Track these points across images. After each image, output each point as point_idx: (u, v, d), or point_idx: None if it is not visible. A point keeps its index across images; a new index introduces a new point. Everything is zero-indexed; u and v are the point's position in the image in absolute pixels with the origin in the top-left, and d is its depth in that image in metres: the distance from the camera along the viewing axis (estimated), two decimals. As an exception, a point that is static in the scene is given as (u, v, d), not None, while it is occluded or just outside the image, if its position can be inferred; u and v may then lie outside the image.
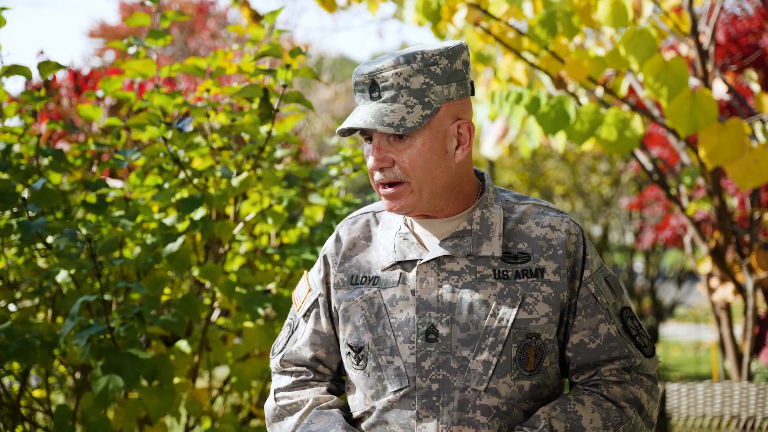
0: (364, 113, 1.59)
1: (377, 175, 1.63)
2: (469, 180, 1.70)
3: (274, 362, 1.82)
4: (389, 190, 1.63)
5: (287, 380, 1.78)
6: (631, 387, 1.64)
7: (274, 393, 1.78)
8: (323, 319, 1.76)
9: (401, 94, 1.58)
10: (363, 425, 1.69)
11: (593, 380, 1.66)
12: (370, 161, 1.62)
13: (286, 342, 1.81)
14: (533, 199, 1.73)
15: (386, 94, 1.58)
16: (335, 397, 1.75)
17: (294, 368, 1.79)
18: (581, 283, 1.66)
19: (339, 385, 1.82)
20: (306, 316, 1.79)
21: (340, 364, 1.79)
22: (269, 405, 1.77)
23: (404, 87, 1.58)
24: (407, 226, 1.71)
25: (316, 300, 1.77)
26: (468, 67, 1.65)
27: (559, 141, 4.33)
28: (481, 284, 1.62)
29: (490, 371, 1.60)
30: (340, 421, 1.67)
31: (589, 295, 1.66)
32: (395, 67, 1.57)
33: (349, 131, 1.64)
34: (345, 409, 1.74)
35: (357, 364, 1.69)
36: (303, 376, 1.78)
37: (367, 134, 1.63)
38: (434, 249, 1.65)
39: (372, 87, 1.59)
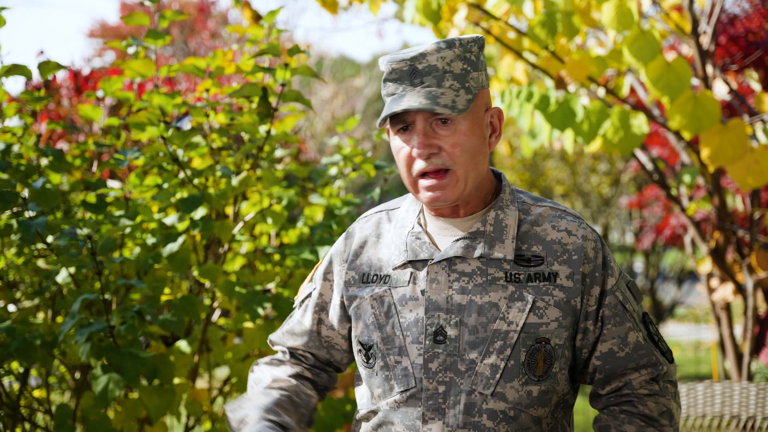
0: (413, 97, 1.56)
1: (420, 164, 1.59)
2: (489, 177, 1.69)
3: (268, 340, 1.91)
4: (432, 181, 1.59)
5: (270, 357, 1.85)
6: (662, 399, 1.63)
7: (254, 365, 1.85)
8: (309, 313, 1.79)
9: (446, 78, 1.57)
10: (369, 424, 1.68)
11: (624, 394, 1.65)
12: (416, 149, 1.58)
13: (283, 323, 1.88)
14: (551, 201, 1.71)
15: (429, 80, 1.56)
16: (294, 381, 1.76)
17: (278, 347, 1.86)
18: (608, 291, 1.64)
19: (319, 374, 1.82)
20: (300, 305, 1.83)
21: (323, 358, 1.82)
22: (249, 375, 1.85)
23: (448, 71, 1.57)
24: (420, 225, 1.69)
25: (310, 293, 1.80)
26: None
27: (567, 141, 4.33)
28: (492, 287, 1.60)
29: (498, 375, 1.58)
30: (265, 406, 1.67)
31: (617, 303, 1.64)
32: (438, 51, 1.57)
33: (391, 119, 1.61)
34: (300, 396, 1.75)
35: (367, 362, 1.68)
36: (280, 356, 1.84)
37: (404, 123, 1.60)
38: (446, 249, 1.63)
39: (413, 73, 1.57)
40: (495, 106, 1.68)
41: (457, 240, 1.63)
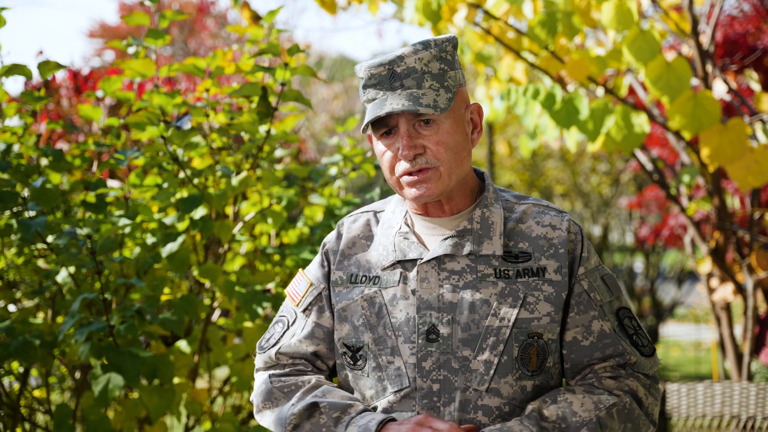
0: (395, 100, 1.57)
1: (404, 165, 1.60)
2: (472, 175, 1.71)
3: (265, 356, 1.75)
4: (415, 177, 1.60)
5: (282, 369, 1.72)
6: (626, 380, 1.62)
7: (270, 377, 1.70)
8: (327, 313, 1.74)
9: (425, 79, 1.58)
10: None
11: (587, 377, 1.64)
12: (402, 151, 1.59)
13: (281, 336, 1.76)
14: (533, 198, 1.74)
15: (408, 82, 1.58)
16: (334, 384, 1.72)
17: (290, 360, 1.73)
18: (575, 279, 1.65)
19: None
20: (307, 310, 1.75)
21: (336, 363, 1.77)
22: (261, 387, 1.70)
23: (427, 72, 1.59)
24: (407, 225, 1.70)
25: (320, 294, 1.75)
26: None
27: (571, 140, 4.33)
28: (482, 283, 1.62)
29: (492, 371, 1.59)
30: (354, 398, 1.63)
31: (581, 291, 1.65)
32: (416, 53, 1.58)
33: (373, 123, 1.62)
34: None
35: (354, 365, 1.67)
36: (300, 367, 1.72)
37: (387, 127, 1.61)
38: (435, 248, 1.64)
39: (392, 77, 1.59)
40: (474, 102, 1.70)
41: (446, 238, 1.65)
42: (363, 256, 1.72)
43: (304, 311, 1.76)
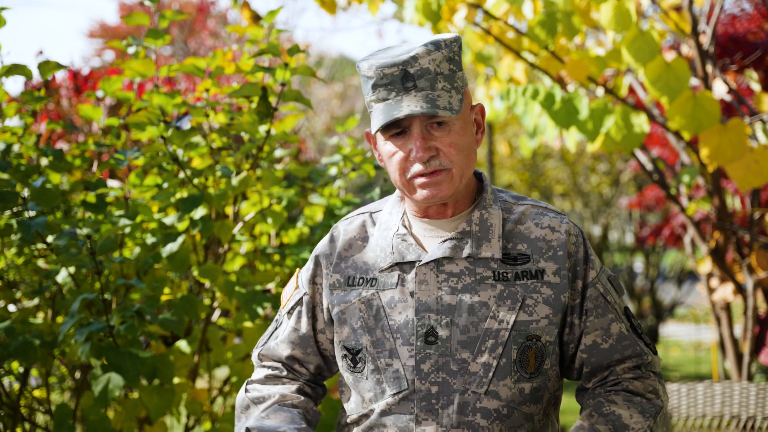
0: (411, 102, 1.54)
1: (418, 167, 1.58)
2: (471, 177, 1.70)
3: (253, 356, 1.83)
4: (428, 179, 1.59)
5: (261, 373, 1.79)
6: (648, 380, 1.66)
7: (246, 384, 1.78)
8: (304, 319, 1.76)
9: (438, 80, 1.56)
10: (360, 428, 1.67)
11: (610, 380, 1.66)
12: (416, 153, 1.57)
13: (269, 337, 1.81)
14: (531, 199, 1.73)
15: (421, 83, 1.55)
16: (302, 398, 1.73)
17: (270, 363, 1.80)
18: (589, 283, 1.65)
19: (315, 388, 1.80)
20: (290, 313, 1.78)
21: (318, 366, 1.79)
22: (240, 396, 1.77)
23: (440, 73, 1.57)
24: (405, 227, 1.69)
25: (301, 299, 1.77)
26: None
27: (570, 140, 4.33)
28: (481, 286, 1.61)
29: (490, 374, 1.59)
30: (296, 422, 1.65)
31: (598, 295, 1.65)
32: (429, 54, 1.56)
33: (390, 125, 1.59)
34: (309, 413, 1.73)
35: (354, 367, 1.67)
36: (276, 372, 1.78)
37: (399, 128, 1.59)
38: (433, 250, 1.64)
39: (405, 78, 1.55)
40: (477, 103, 1.69)
41: (444, 241, 1.64)
42: (360, 258, 1.71)
43: (287, 313, 1.79)
